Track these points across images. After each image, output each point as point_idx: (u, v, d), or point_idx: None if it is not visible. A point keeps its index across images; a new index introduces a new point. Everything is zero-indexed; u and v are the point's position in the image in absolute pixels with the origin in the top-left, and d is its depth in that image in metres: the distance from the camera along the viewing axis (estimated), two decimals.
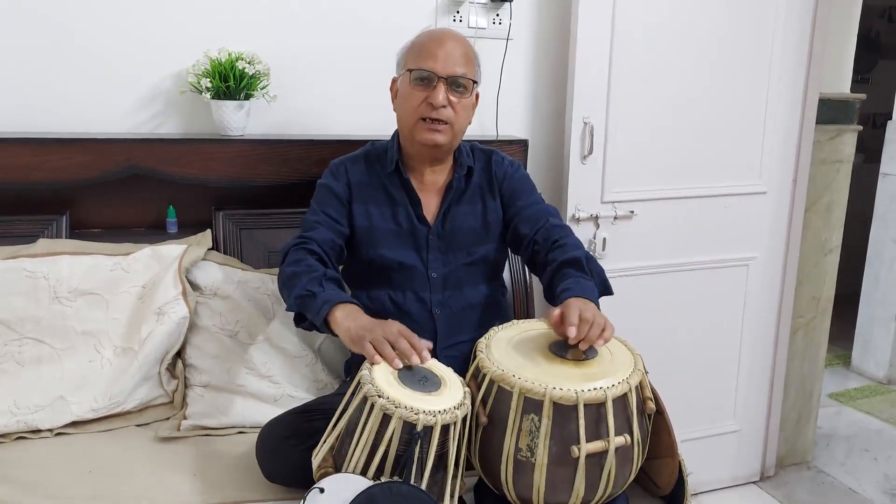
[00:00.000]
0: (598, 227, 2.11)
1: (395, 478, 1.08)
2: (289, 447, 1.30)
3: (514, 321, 1.38)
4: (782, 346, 2.43)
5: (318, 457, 1.17)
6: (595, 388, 1.12)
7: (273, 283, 1.64)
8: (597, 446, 1.12)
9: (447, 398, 1.14)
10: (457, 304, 1.54)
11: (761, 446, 2.51)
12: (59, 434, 1.50)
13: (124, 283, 1.63)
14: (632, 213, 2.13)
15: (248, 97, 1.80)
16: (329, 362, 1.68)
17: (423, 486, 1.09)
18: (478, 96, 1.56)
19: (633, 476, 1.21)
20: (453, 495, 1.17)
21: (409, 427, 1.08)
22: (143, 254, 1.68)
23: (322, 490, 1.06)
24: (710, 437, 2.39)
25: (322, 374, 1.66)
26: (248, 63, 1.77)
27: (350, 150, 1.60)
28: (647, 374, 1.23)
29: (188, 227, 1.82)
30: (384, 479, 1.08)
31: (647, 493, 1.37)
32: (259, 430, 1.39)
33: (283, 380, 1.61)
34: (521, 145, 2.02)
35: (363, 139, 1.65)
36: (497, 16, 2.04)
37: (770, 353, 2.43)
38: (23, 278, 1.56)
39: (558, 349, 1.23)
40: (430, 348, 1.24)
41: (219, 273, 1.68)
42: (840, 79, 2.53)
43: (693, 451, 2.27)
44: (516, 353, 1.22)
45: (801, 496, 2.46)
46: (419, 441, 1.08)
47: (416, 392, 1.12)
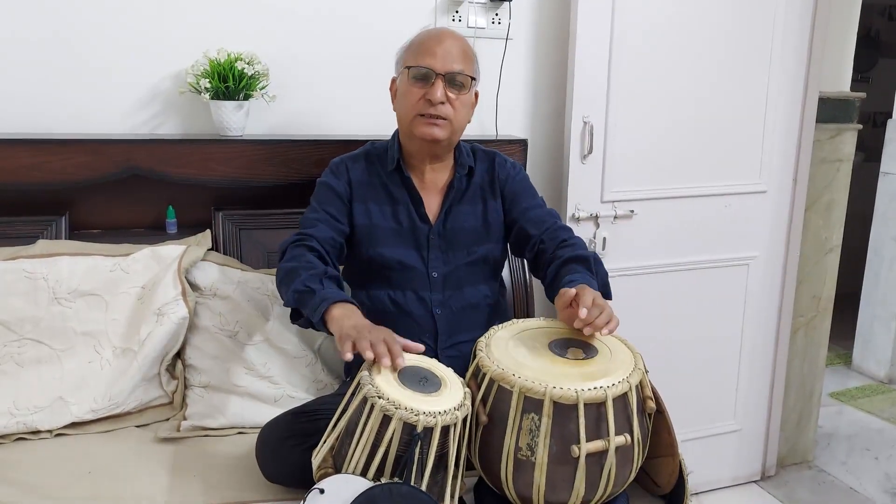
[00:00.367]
0: (598, 226, 2.11)
1: (396, 479, 1.08)
2: (289, 448, 1.30)
3: (515, 320, 1.37)
4: (783, 346, 2.43)
5: (317, 457, 1.17)
6: (595, 388, 1.11)
7: (273, 283, 1.63)
8: (597, 445, 1.11)
9: (447, 399, 1.14)
10: (457, 304, 1.53)
11: (762, 446, 2.50)
12: (58, 435, 1.50)
13: (124, 284, 1.63)
14: (632, 212, 2.13)
15: (247, 97, 1.80)
16: (329, 362, 1.68)
17: (424, 487, 1.09)
18: (477, 95, 1.56)
19: (633, 475, 1.21)
20: (453, 496, 1.17)
21: (409, 428, 1.08)
22: (142, 254, 1.67)
23: (322, 491, 1.06)
24: (711, 437, 2.39)
25: (322, 374, 1.66)
26: (248, 63, 1.77)
27: (349, 150, 1.60)
28: (647, 373, 1.23)
29: (187, 228, 1.82)
30: (384, 479, 1.08)
31: (647, 493, 1.37)
32: (259, 430, 1.38)
33: (283, 380, 1.61)
34: (521, 145, 2.02)
35: (363, 139, 1.65)
36: (496, 15, 2.04)
37: (770, 353, 2.43)
38: (22, 279, 1.56)
39: (558, 348, 1.23)
40: (422, 351, 1.23)
41: (218, 273, 1.68)
42: (840, 77, 2.52)
43: (693, 450, 2.27)
44: (516, 352, 1.22)
45: (801, 496, 2.46)
46: (419, 442, 1.08)
47: (416, 393, 1.12)
